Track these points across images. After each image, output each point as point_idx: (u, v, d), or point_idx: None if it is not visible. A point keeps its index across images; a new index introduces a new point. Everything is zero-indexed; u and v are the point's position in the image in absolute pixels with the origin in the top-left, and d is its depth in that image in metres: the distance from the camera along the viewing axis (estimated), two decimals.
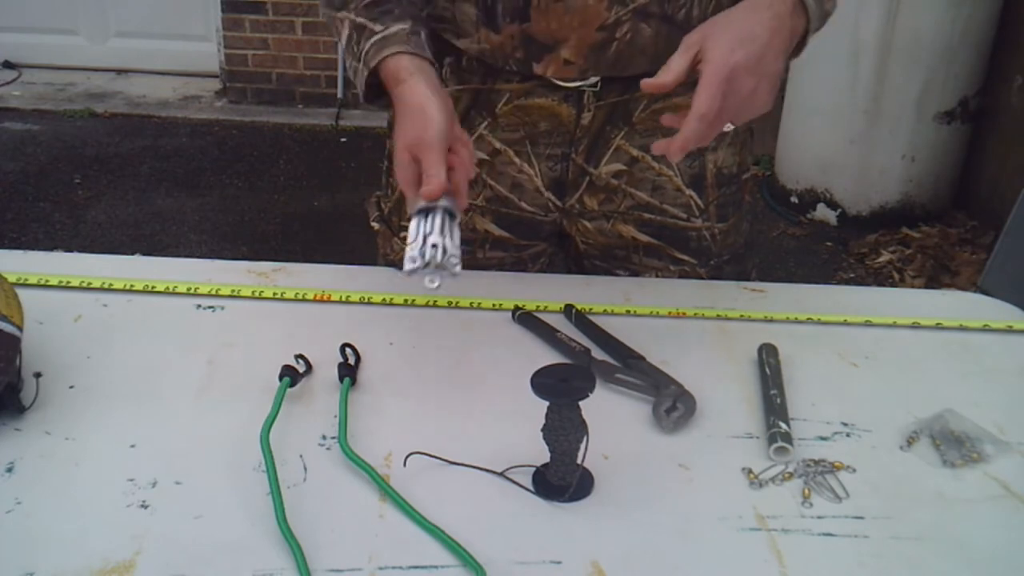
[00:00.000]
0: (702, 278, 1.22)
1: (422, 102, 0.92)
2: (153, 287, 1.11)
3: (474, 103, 1.13)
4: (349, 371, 0.95)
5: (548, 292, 1.13)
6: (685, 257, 1.21)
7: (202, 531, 0.77)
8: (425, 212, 0.90)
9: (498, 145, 1.14)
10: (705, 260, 1.22)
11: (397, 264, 1.26)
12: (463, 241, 1.22)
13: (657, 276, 1.22)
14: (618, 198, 1.17)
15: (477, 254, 1.23)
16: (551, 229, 1.23)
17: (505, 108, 1.11)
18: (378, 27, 0.99)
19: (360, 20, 1.00)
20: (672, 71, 0.88)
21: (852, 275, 3.40)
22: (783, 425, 0.90)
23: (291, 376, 0.93)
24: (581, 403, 0.79)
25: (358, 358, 0.98)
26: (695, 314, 1.11)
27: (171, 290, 1.11)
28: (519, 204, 1.19)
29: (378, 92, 1.01)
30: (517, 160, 1.15)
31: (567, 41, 1.03)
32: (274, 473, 0.80)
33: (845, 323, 1.10)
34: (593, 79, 1.07)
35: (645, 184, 1.16)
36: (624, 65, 1.05)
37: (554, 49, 1.04)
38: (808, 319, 1.10)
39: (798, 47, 0.96)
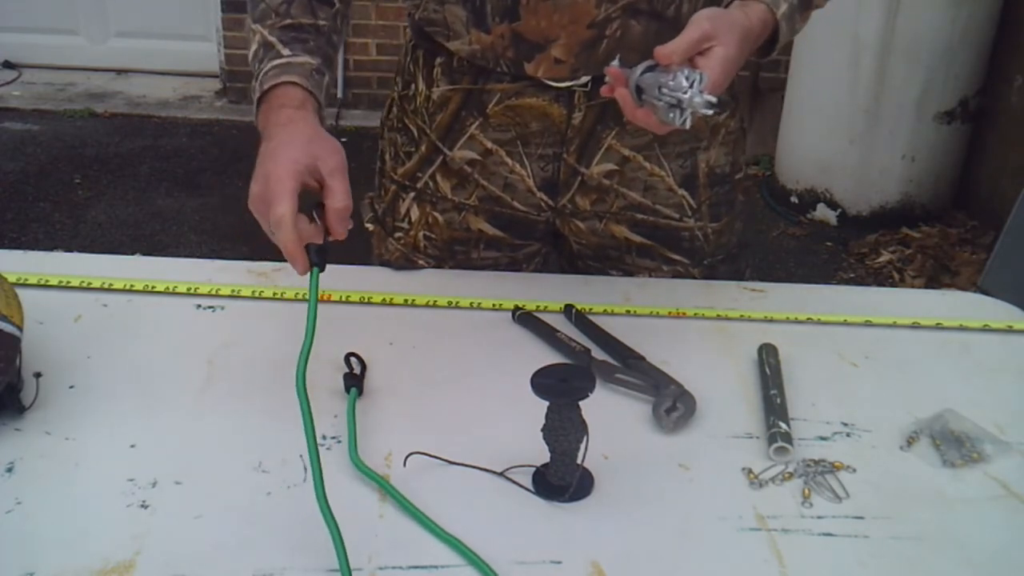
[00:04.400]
0: (695, 278, 1.22)
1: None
2: (153, 287, 1.11)
3: (465, 103, 1.13)
4: (355, 381, 0.94)
5: (548, 292, 1.13)
6: (678, 257, 1.21)
7: (202, 531, 0.77)
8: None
9: (490, 145, 1.14)
10: (698, 260, 1.22)
11: (391, 264, 1.26)
12: (456, 241, 1.23)
13: (650, 276, 1.22)
14: (610, 198, 1.17)
15: (472, 254, 1.23)
16: (545, 229, 1.23)
17: (496, 108, 1.11)
18: (286, 51, 0.98)
19: (271, 38, 1.00)
20: (679, 52, 0.87)
21: (852, 275, 3.40)
22: (783, 425, 0.90)
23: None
24: (581, 403, 0.79)
25: (363, 367, 0.97)
26: (695, 314, 1.11)
27: (171, 290, 1.11)
28: (512, 204, 1.18)
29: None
30: (509, 160, 1.15)
31: (557, 39, 1.03)
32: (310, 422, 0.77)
33: (845, 323, 1.10)
34: (584, 79, 1.07)
35: (637, 184, 1.16)
36: None
37: (545, 48, 1.04)
38: (808, 319, 1.10)
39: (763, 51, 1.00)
